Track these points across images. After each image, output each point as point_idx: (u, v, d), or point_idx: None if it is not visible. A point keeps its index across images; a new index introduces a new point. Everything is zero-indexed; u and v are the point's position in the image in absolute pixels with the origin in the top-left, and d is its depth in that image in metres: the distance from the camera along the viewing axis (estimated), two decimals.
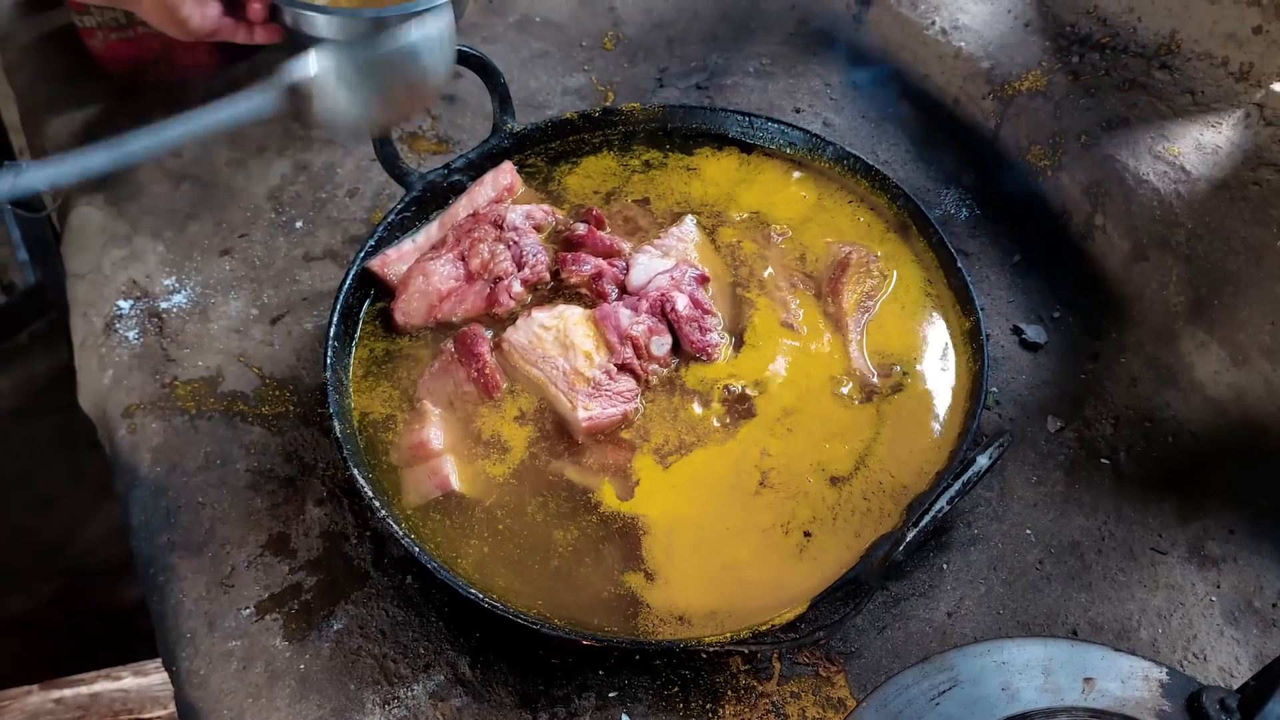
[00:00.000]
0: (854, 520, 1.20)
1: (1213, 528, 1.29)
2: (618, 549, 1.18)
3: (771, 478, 1.22)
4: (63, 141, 1.74)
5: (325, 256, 1.58)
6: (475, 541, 1.18)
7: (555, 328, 1.28)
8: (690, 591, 1.14)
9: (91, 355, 1.48)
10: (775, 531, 1.18)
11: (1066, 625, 1.21)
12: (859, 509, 1.21)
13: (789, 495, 1.21)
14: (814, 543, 1.18)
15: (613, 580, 1.16)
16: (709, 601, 1.14)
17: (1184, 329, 1.39)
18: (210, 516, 1.30)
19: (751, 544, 1.18)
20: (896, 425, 1.27)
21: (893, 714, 0.89)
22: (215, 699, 1.16)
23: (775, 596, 1.13)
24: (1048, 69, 1.60)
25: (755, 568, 1.16)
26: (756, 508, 1.20)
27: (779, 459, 1.24)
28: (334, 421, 1.21)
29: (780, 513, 1.20)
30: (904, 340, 1.34)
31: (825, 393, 1.29)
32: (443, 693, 1.15)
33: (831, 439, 1.26)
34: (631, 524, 1.19)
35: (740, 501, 1.21)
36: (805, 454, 1.24)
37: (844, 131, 1.73)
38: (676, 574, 1.16)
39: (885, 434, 1.26)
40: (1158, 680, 0.90)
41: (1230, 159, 1.41)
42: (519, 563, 1.17)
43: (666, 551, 1.17)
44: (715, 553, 1.17)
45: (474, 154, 1.49)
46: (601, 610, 1.13)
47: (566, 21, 1.95)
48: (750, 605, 1.13)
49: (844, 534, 1.18)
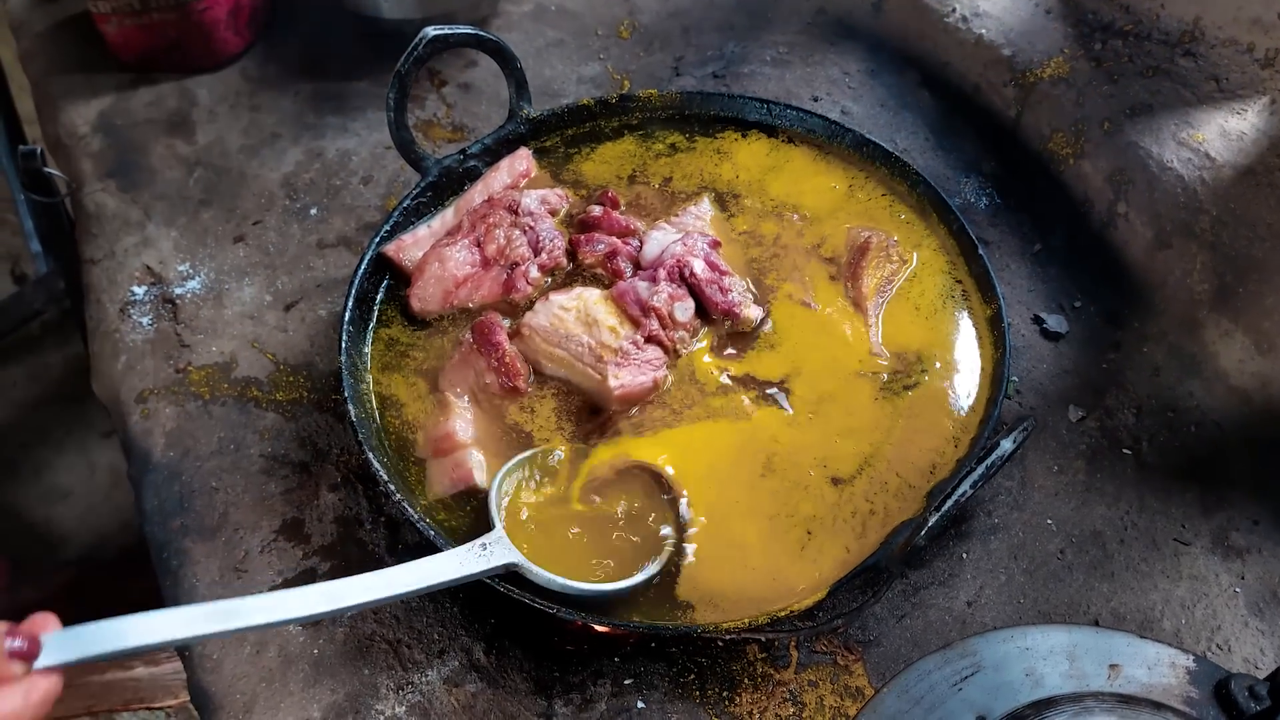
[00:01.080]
0: (855, 521, 1.17)
1: (1237, 518, 1.27)
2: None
3: (776, 463, 1.21)
4: (77, 130, 1.74)
5: (339, 243, 1.58)
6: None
7: (575, 308, 1.26)
8: (703, 567, 1.13)
9: (105, 341, 1.47)
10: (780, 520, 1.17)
11: (1088, 615, 1.19)
12: (861, 510, 1.18)
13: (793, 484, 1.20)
14: (814, 541, 1.16)
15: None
16: (718, 580, 1.12)
17: (1208, 317, 1.38)
18: (224, 501, 1.29)
19: (758, 529, 1.16)
20: (910, 421, 1.24)
21: (914, 699, 0.88)
22: (228, 683, 1.15)
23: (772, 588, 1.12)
24: (1070, 56, 1.58)
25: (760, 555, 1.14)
26: (762, 491, 1.18)
27: (787, 446, 1.22)
28: (349, 406, 1.20)
29: (785, 502, 1.18)
30: (924, 329, 1.32)
31: (847, 376, 1.28)
32: (457, 678, 1.14)
33: (844, 435, 1.23)
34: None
35: (748, 482, 1.19)
36: (816, 445, 1.22)
37: (862, 119, 1.71)
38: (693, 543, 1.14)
39: (899, 428, 1.23)
40: (1184, 667, 0.89)
41: (1256, 145, 1.39)
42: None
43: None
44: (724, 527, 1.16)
45: (490, 139, 1.48)
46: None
47: (582, 10, 1.94)
48: (753, 594, 1.11)
49: (844, 534, 1.16)
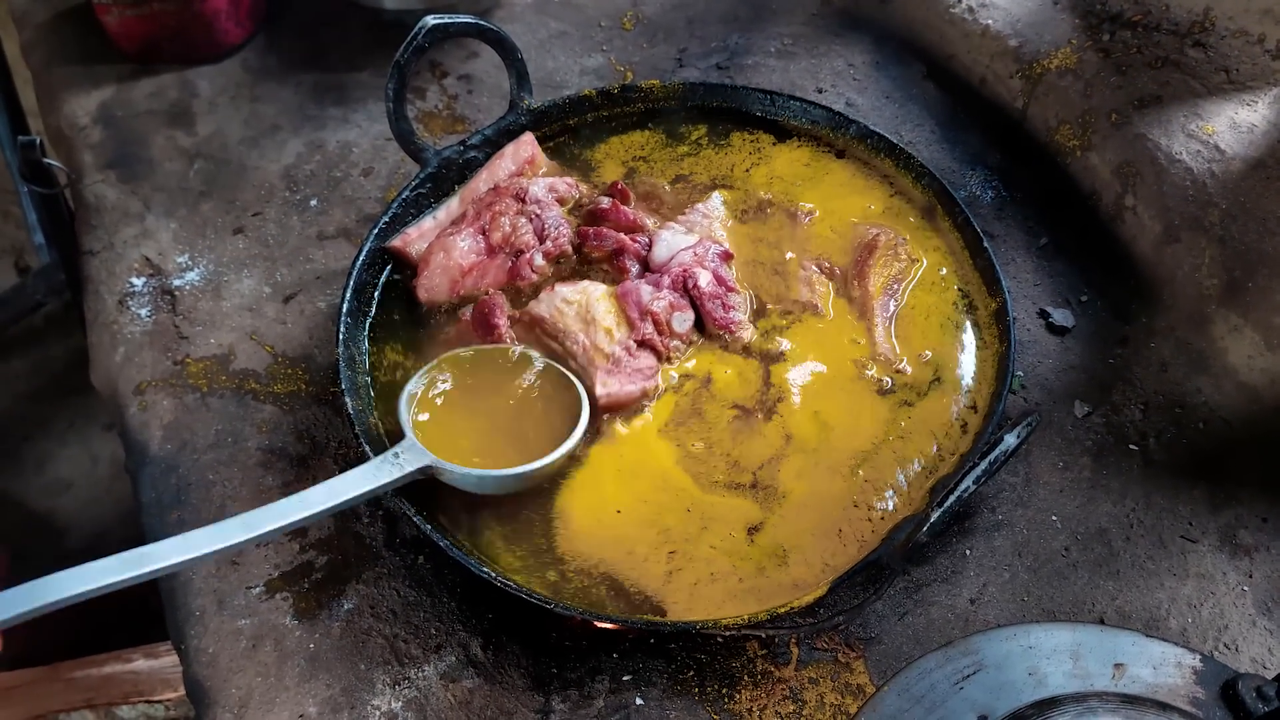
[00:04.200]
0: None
1: (1245, 515, 1.26)
2: None
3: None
4: (77, 121, 1.73)
5: (339, 235, 1.57)
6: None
7: (578, 302, 1.26)
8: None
9: (104, 332, 1.47)
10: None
11: (1093, 613, 1.18)
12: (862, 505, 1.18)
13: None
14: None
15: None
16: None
17: (1216, 312, 1.36)
18: (221, 494, 1.28)
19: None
20: (914, 418, 1.23)
21: (915, 698, 0.87)
22: (223, 677, 1.14)
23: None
24: (1078, 47, 1.56)
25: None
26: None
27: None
28: (346, 399, 1.20)
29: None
30: (928, 325, 1.31)
31: (849, 378, 1.27)
32: (454, 674, 1.13)
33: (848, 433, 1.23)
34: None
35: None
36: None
37: (867, 112, 1.70)
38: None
39: (902, 426, 1.23)
40: (1190, 667, 0.88)
41: (1266, 137, 1.37)
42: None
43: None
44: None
45: (490, 130, 1.46)
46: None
47: (585, 1, 1.93)
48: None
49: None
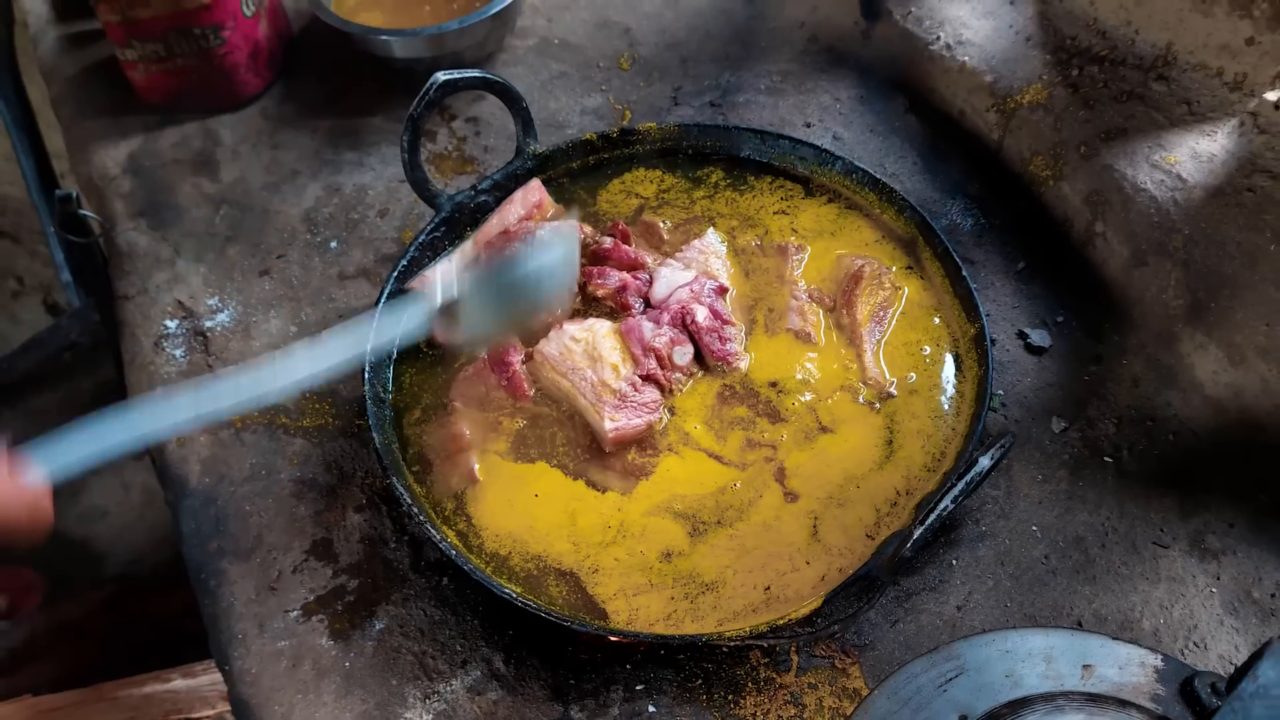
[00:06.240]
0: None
1: (1213, 522, 1.34)
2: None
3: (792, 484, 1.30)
4: (108, 172, 1.82)
5: (359, 275, 1.66)
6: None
7: (585, 340, 1.34)
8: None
9: (141, 373, 1.56)
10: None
11: (1072, 617, 1.26)
12: (866, 518, 1.27)
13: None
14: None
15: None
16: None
17: (1183, 331, 1.44)
18: (257, 524, 1.37)
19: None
20: (899, 439, 1.33)
21: (903, 701, 0.94)
22: (267, 696, 1.23)
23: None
24: (1048, 82, 1.65)
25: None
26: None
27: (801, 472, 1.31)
28: (373, 434, 1.29)
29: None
30: (911, 350, 1.41)
31: (840, 401, 1.36)
32: (479, 687, 1.22)
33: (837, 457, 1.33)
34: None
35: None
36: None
37: (853, 145, 1.79)
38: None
39: (888, 447, 1.33)
40: (1153, 666, 0.95)
41: (1225, 166, 1.45)
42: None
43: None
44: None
45: (499, 175, 1.55)
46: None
47: (584, 43, 2.02)
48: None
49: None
